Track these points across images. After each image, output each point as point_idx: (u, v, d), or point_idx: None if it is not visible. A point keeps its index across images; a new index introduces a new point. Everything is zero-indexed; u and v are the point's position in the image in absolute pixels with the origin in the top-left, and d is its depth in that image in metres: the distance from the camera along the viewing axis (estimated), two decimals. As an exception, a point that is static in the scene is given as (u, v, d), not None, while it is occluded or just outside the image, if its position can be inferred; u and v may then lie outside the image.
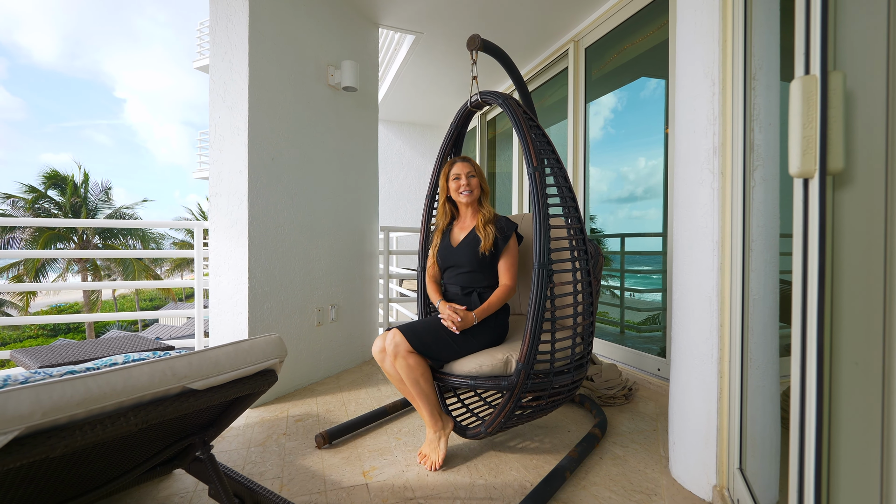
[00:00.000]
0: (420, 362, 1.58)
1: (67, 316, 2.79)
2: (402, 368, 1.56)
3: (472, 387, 1.56)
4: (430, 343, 1.59)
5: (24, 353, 1.73)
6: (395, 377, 1.63)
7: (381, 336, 1.64)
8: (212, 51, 2.28)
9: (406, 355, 1.55)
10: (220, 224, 2.28)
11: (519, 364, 1.48)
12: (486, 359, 1.58)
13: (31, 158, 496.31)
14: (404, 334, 1.57)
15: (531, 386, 1.50)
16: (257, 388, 1.13)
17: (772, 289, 1.27)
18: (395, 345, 1.55)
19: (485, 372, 1.56)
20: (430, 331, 1.63)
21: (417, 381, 1.57)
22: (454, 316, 1.62)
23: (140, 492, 1.47)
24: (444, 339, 1.62)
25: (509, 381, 1.50)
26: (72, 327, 20.54)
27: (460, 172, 1.81)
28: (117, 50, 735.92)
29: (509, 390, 1.51)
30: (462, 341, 1.63)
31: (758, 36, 1.26)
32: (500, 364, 1.56)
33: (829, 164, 0.66)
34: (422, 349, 1.58)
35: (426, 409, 1.62)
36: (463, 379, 1.58)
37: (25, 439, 0.74)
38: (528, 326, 1.46)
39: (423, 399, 1.60)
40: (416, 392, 1.59)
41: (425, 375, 1.59)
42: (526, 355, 1.46)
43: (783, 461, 1.27)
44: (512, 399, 1.50)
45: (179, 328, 15.86)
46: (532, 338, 1.45)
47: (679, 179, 1.51)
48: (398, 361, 1.55)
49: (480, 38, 1.80)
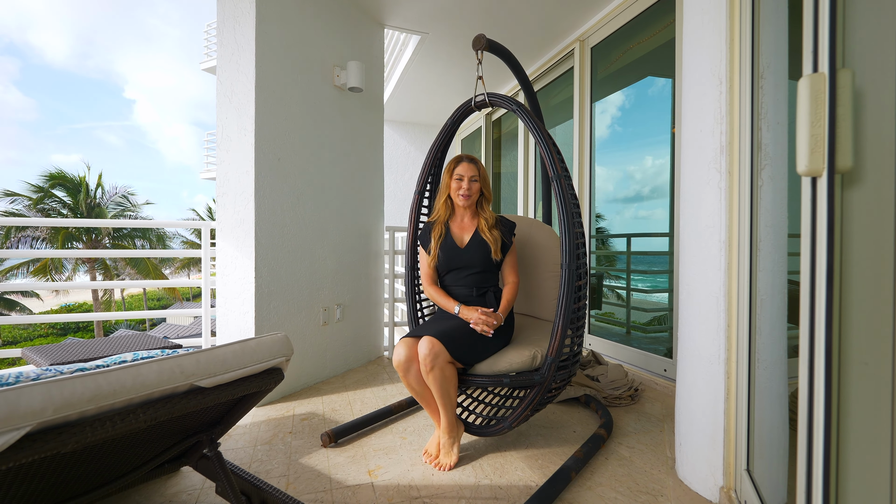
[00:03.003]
0: (454, 371, 1.57)
1: (77, 315, 2.82)
2: (438, 378, 1.50)
3: (505, 385, 1.61)
4: (466, 349, 1.58)
5: (35, 350, 1.76)
6: (419, 386, 1.57)
7: (404, 343, 1.56)
8: (219, 52, 2.30)
9: (444, 365, 1.51)
10: (226, 224, 2.29)
11: (549, 357, 1.55)
12: (516, 356, 1.62)
13: (41, 159, 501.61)
14: (442, 342, 1.51)
15: (558, 377, 1.59)
16: (264, 387, 1.14)
17: (780, 289, 1.26)
18: (435, 355, 1.48)
19: (515, 368, 1.61)
20: (464, 335, 1.60)
21: (448, 390, 1.55)
22: (490, 320, 1.60)
23: (148, 488, 1.48)
24: (475, 343, 1.61)
25: (541, 375, 1.57)
26: (81, 326, 20.78)
27: (464, 174, 1.76)
28: (129, 49, 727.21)
29: (540, 384, 1.57)
30: (490, 342, 1.64)
31: (765, 34, 1.25)
32: (528, 360, 1.62)
33: (838, 162, 0.66)
34: (459, 356, 1.56)
35: (447, 416, 1.60)
36: (494, 378, 1.62)
37: (37, 435, 0.75)
38: (558, 323, 1.54)
39: (448, 406, 1.58)
40: (443, 400, 1.56)
41: (454, 382, 1.58)
42: (557, 349, 1.54)
43: (791, 463, 1.26)
44: (542, 391, 1.57)
45: (186, 327, 15.97)
46: (562, 333, 1.53)
47: (686, 179, 1.51)
48: (434, 371, 1.49)
49: (486, 38, 1.80)
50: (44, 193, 16.31)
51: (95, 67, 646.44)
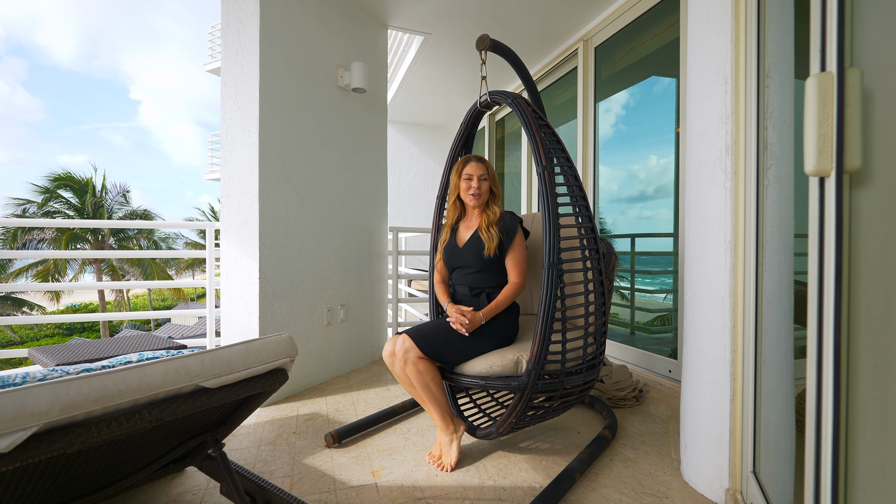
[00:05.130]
0: (430, 367, 1.57)
1: (83, 315, 2.84)
2: (413, 373, 1.55)
3: (482, 387, 1.56)
4: (439, 346, 1.59)
5: (41, 351, 1.77)
6: (406, 381, 1.62)
7: (391, 340, 1.63)
8: (223, 53, 2.31)
9: (416, 361, 1.54)
10: (231, 225, 2.30)
11: (529, 364, 1.48)
12: (497, 359, 1.57)
13: (48, 160, 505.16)
14: (413, 339, 1.56)
15: (542, 387, 1.49)
16: (268, 387, 1.14)
17: (786, 289, 1.25)
18: (405, 350, 1.54)
19: (495, 372, 1.55)
20: (439, 334, 1.62)
21: (428, 385, 1.57)
22: (462, 318, 1.61)
23: (153, 489, 1.49)
24: (453, 342, 1.61)
25: (520, 382, 1.50)
26: (87, 326, 20.91)
27: (472, 173, 1.78)
28: (136, 49, 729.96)
29: (520, 391, 1.50)
30: (471, 342, 1.62)
31: (771, 33, 1.25)
32: (511, 364, 1.55)
33: (846, 162, 0.65)
34: (431, 353, 1.57)
35: (437, 413, 1.62)
36: (473, 379, 1.57)
37: (43, 435, 0.76)
38: (538, 326, 1.45)
39: (433, 403, 1.60)
40: (426, 396, 1.59)
41: (436, 380, 1.59)
42: (536, 356, 1.46)
43: (798, 465, 1.25)
44: (523, 400, 1.49)
45: (191, 328, 16.04)
46: (542, 338, 1.45)
47: (691, 179, 1.50)
48: (408, 367, 1.55)
49: (490, 38, 1.80)
50: (50, 195, 16.43)
51: (102, 67, 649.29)
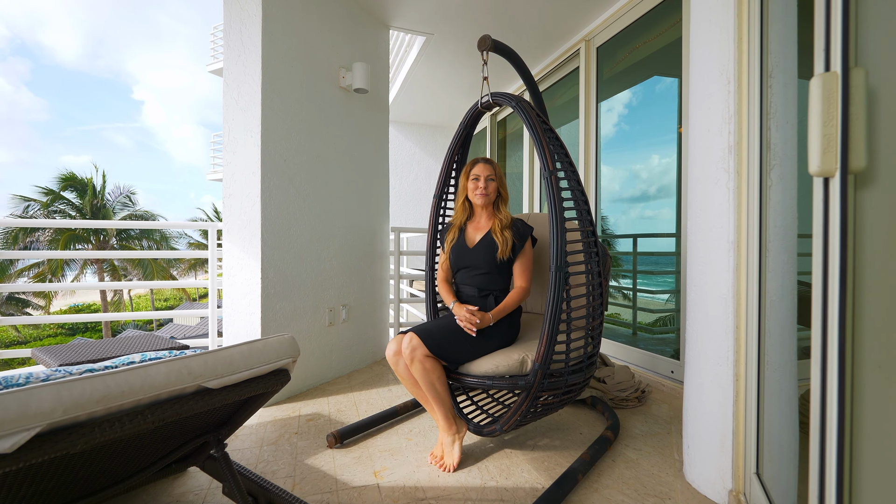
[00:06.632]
0: (436, 365, 1.57)
1: (85, 315, 2.84)
2: (419, 372, 1.55)
3: (489, 387, 1.57)
4: (445, 345, 1.59)
5: (44, 351, 1.77)
6: (409, 380, 1.62)
7: (394, 339, 1.62)
8: (225, 54, 2.31)
9: (423, 359, 1.54)
10: (233, 225, 2.30)
11: (535, 364, 1.49)
12: (503, 359, 1.58)
13: (51, 160, 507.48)
14: (420, 337, 1.55)
15: (547, 385, 1.51)
16: (271, 388, 1.14)
17: (789, 290, 1.25)
18: (413, 348, 1.54)
19: (501, 372, 1.56)
20: (445, 333, 1.62)
21: (433, 384, 1.57)
22: (472, 318, 1.61)
23: (156, 489, 1.49)
24: (459, 341, 1.61)
25: (526, 381, 1.51)
26: (89, 326, 20.98)
27: (480, 174, 1.81)
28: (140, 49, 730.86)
29: (526, 390, 1.51)
30: (477, 342, 1.63)
31: (774, 32, 1.24)
32: (517, 364, 1.56)
33: (851, 162, 0.65)
34: (438, 351, 1.57)
35: (441, 413, 1.61)
36: (480, 379, 1.58)
37: (46, 436, 0.76)
38: (546, 328, 1.47)
39: (438, 402, 1.60)
40: (431, 395, 1.59)
41: (441, 379, 1.59)
42: (543, 355, 1.47)
43: (801, 467, 1.24)
44: (529, 398, 1.51)
45: (193, 328, 16.08)
46: (549, 338, 1.47)
47: (693, 179, 1.49)
48: (414, 365, 1.54)
49: (491, 38, 1.80)
50: (53, 196, 16.50)
51: (105, 67, 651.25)
